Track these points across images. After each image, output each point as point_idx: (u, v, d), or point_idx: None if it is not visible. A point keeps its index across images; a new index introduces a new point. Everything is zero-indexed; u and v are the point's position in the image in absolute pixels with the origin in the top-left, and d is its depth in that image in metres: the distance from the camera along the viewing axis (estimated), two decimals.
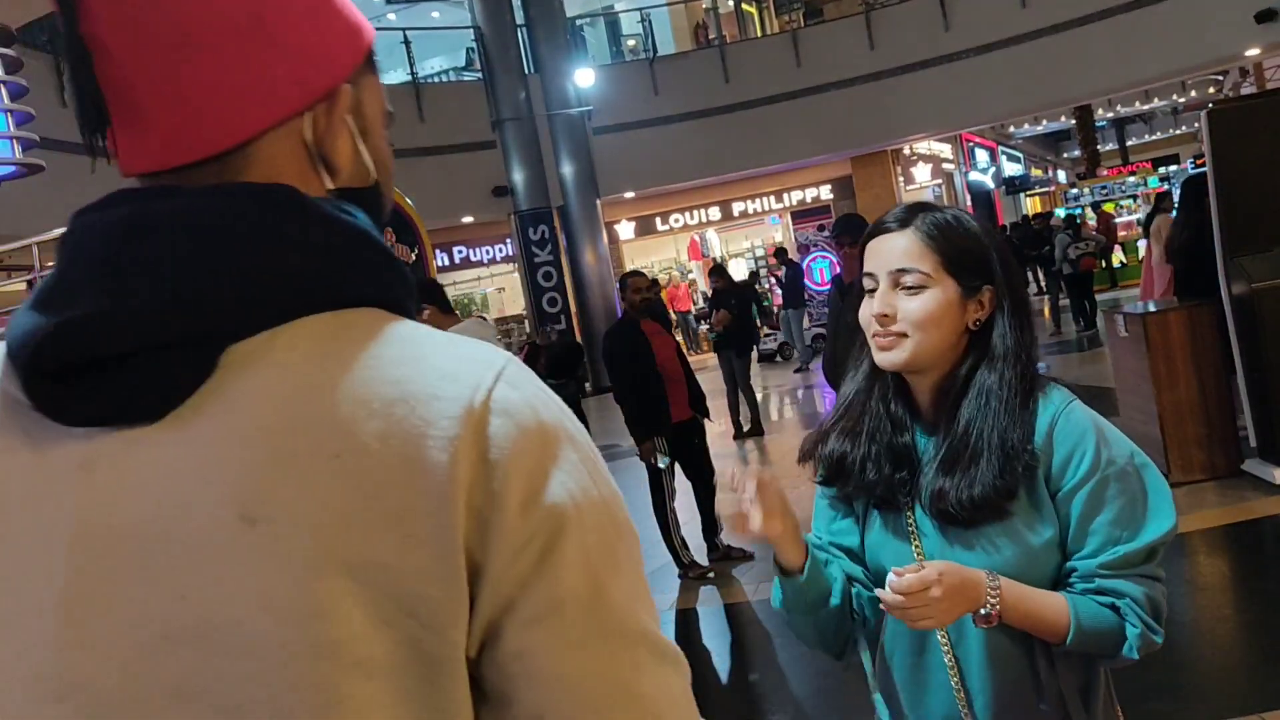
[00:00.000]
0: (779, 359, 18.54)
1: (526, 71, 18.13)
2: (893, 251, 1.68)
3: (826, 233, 19.79)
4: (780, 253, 19.79)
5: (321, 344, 0.73)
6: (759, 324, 16.37)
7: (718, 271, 13.43)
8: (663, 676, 0.76)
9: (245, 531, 0.68)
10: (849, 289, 5.65)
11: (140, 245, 0.72)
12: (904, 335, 1.66)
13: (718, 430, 10.27)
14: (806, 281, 18.47)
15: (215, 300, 0.71)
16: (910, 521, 1.71)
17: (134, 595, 0.69)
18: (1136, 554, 1.62)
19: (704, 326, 23.69)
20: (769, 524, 1.63)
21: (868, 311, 1.70)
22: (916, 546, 1.69)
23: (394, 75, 21.78)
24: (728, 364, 11.57)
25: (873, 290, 1.70)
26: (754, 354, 13.38)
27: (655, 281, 13.25)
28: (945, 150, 26.57)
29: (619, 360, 6.50)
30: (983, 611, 1.57)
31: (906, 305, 1.66)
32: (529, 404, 0.74)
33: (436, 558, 0.69)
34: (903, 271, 1.66)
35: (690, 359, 7.28)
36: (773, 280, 20.05)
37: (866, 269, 1.72)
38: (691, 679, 0.80)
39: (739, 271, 25.10)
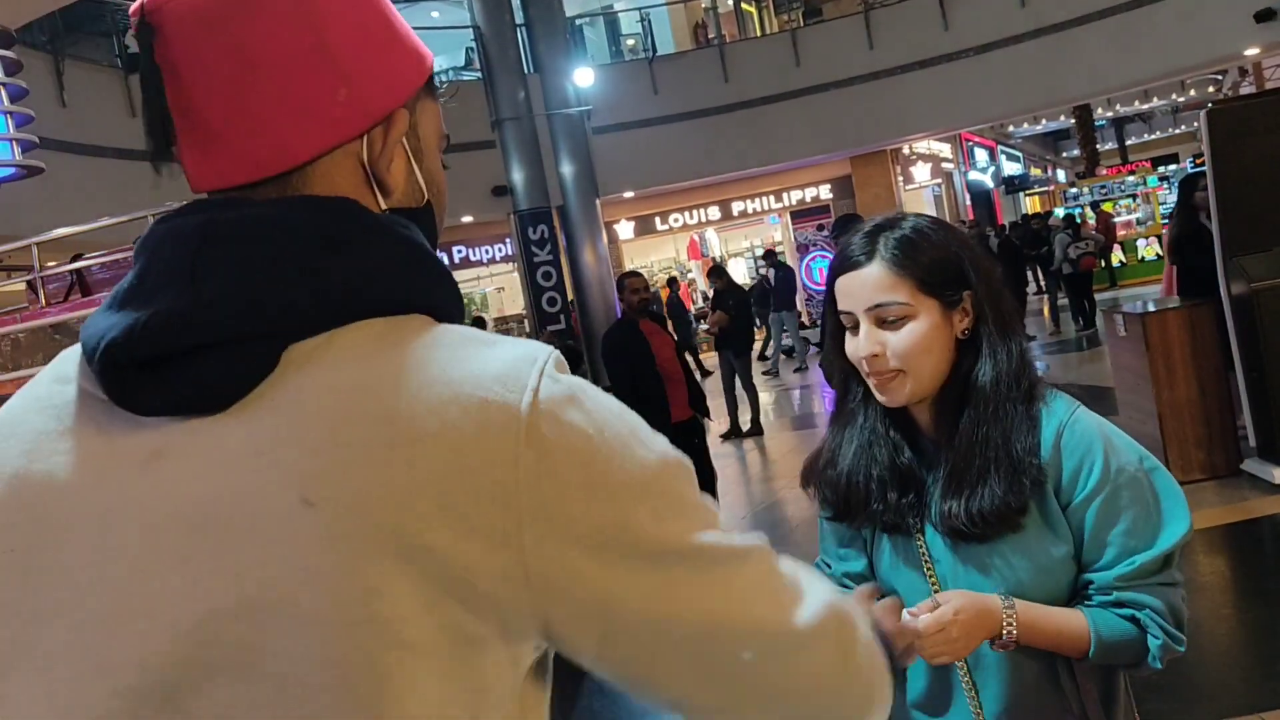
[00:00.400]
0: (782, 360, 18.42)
1: (526, 71, 18.09)
2: (865, 287, 1.61)
3: (826, 232, 19.81)
4: (769, 255, 19.70)
5: (377, 344, 0.78)
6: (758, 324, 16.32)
7: (717, 272, 13.43)
8: (749, 572, 0.84)
9: (304, 513, 0.72)
10: None
11: (214, 251, 0.78)
12: (900, 370, 1.61)
13: (716, 430, 10.27)
14: (806, 281, 18.45)
15: (279, 302, 0.77)
16: (921, 547, 1.67)
17: (190, 573, 0.73)
18: (1153, 563, 1.59)
19: (702, 326, 23.73)
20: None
21: (855, 352, 1.64)
22: (930, 574, 1.65)
23: None
24: (728, 364, 11.59)
25: (854, 328, 1.64)
26: (753, 354, 13.36)
27: (673, 279, 13.19)
28: (945, 150, 26.56)
29: (618, 360, 6.51)
30: (1001, 638, 1.56)
31: (894, 340, 1.60)
32: (571, 395, 0.79)
33: (485, 549, 0.73)
34: (880, 306, 1.60)
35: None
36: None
37: (842, 308, 1.65)
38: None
39: (737, 271, 25.09)
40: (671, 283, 21.42)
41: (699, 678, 0.81)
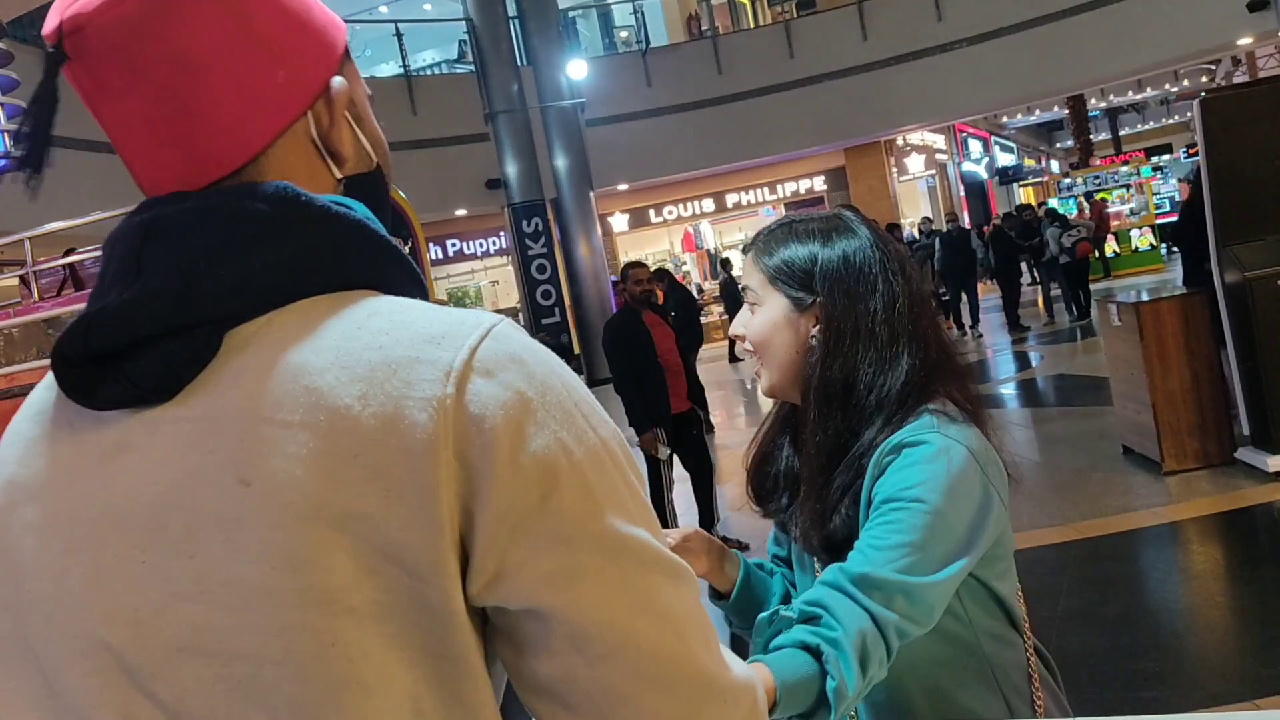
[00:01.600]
0: None
1: (519, 64, 18.09)
2: (743, 268, 1.71)
3: None
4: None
5: (313, 321, 0.78)
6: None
7: (660, 275, 12.87)
8: (679, 593, 0.79)
9: (242, 492, 0.73)
10: None
11: (156, 245, 0.80)
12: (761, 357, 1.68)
13: (714, 422, 10.28)
14: None
15: (216, 289, 0.78)
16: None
17: (148, 559, 0.76)
18: (896, 586, 1.43)
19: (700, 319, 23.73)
20: (695, 565, 1.69)
21: (732, 329, 1.73)
22: (817, 574, 1.64)
23: (386, 68, 21.73)
24: None
25: None
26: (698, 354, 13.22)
27: (667, 272, 13.01)
28: (938, 141, 26.57)
29: (619, 351, 6.50)
30: None
31: (749, 323, 1.68)
32: (515, 357, 0.78)
33: (418, 509, 0.72)
34: (745, 288, 1.69)
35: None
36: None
37: None
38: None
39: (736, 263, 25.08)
40: (660, 275, 21.40)
41: (585, 684, 0.76)
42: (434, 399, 0.74)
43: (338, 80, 0.88)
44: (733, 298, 17.66)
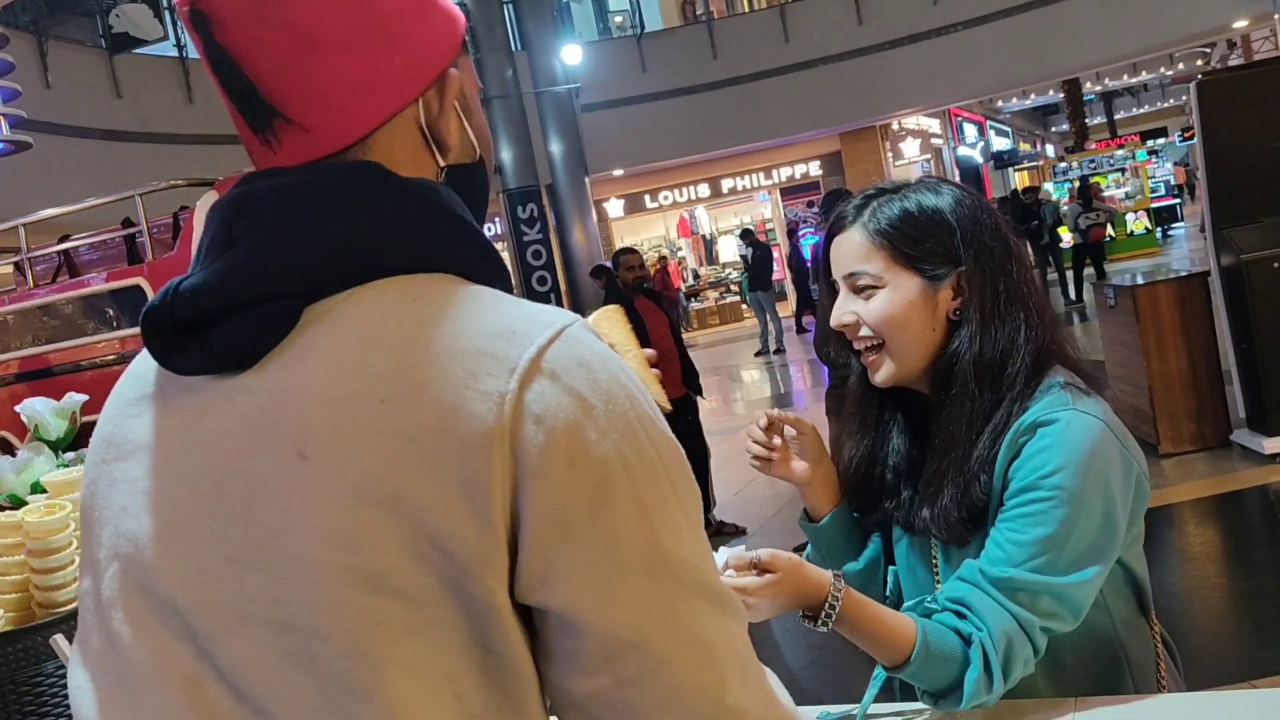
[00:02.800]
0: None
1: (513, 49, 18.02)
2: (844, 253, 1.56)
3: (816, 209, 19.78)
4: (746, 234, 19.42)
5: (390, 302, 0.80)
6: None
7: (598, 272, 12.41)
8: (722, 624, 0.79)
9: (300, 466, 0.75)
10: None
11: (246, 219, 0.82)
12: (880, 344, 1.55)
13: (708, 408, 10.29)
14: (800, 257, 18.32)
15: (299, 263, 0.80)
16: (933, 546, 1.59)
17: (212, 524, 0.78)
18: (1028, 589, 1.40)
19: (694, 305, 23.73)
20: (794, 467, 1.64)
21: (833, 319, 1.59)
22: (936, 576, 1.58)
23: None
24: None
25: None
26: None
27: (662, 258, 12.89)
28: (934, 125, 26.54)
29: None
30: (819, 618, 1.41)
31: (865, 309, 1.54)
32: (583, 362, 0.78)
33: (468, 501, 0.73)
34: (853, 275, 1.55)
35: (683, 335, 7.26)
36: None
37: (832, 272, 1.60)
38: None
39: (727, 249, 25.08)
40: (659, 263, 21.35)
41: (619, 704, 0.76)
42: (495, 394, 0.74)
43: (452, 71, 0.89)
44: (761, 271, 17.41)
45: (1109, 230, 19.20)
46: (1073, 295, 15.95)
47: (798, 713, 0.84)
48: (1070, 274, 16.29)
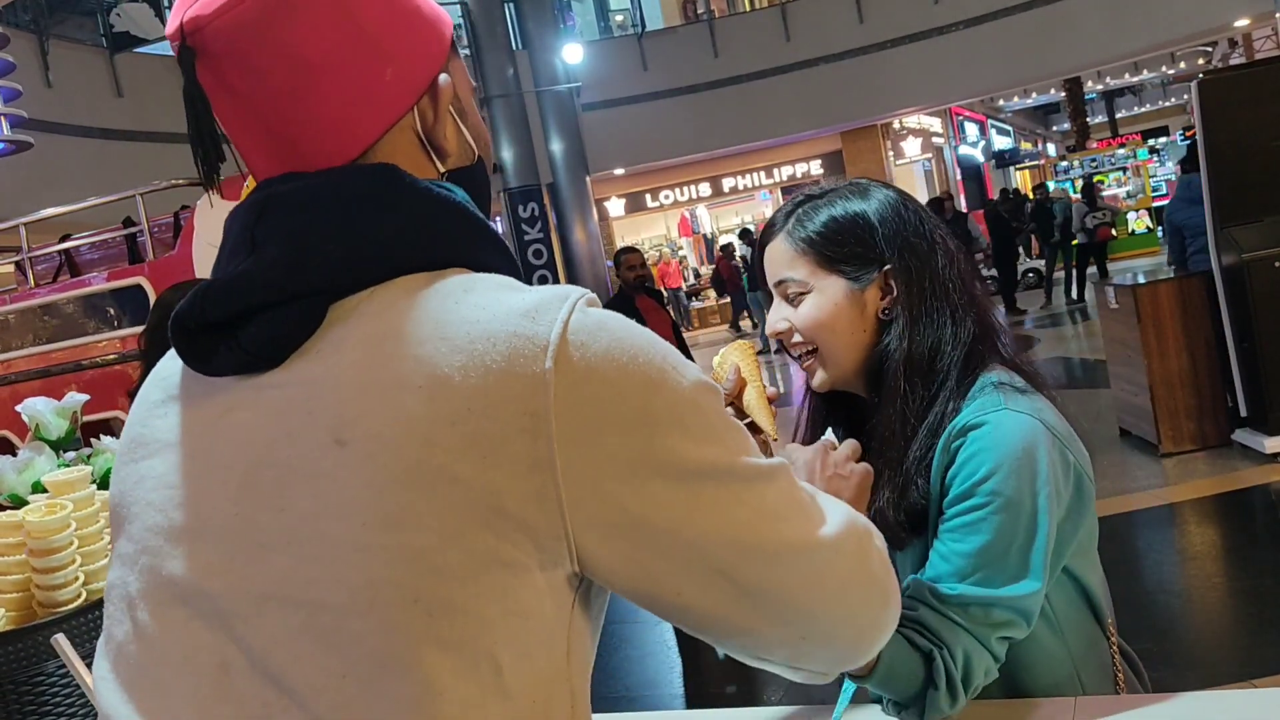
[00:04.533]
0: None
1: (514, 48, 18.02)
2: (773, 261, 1.57)
3: None
4: (745, 233, 19.40)
5: (413, 295, 0.82)
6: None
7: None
8: (776, 488, 0.86)
9: (337, 452, 0.78)
10: None
11: (269, 221, 0.85)
12: (815, 350, 1.55)
13: None
14: None
15: (323, 263, 0.83)
16: None
17: (241, 512, 0.81)
18: (979, 605, 1.38)
19: (694, 304, 23.71)
20: None
21: (767, 328, 1.59)
22: None
23: None
24: None
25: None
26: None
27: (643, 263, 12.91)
28: (935, 124, 26.53)
29: None
30: None
31: (795, 316, 1.54)
32: (602, 324, 0.81)
33: (512, 476, 0.76)
34: (782, 282, 1.55)
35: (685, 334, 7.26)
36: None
37: (767, 281, 1.60)
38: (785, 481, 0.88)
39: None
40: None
41: (732, 597, 0.83)
42: (533, 373, 0.77)
43: (443, 77, 0.92)
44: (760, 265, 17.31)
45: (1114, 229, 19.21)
46: (1075, 295, 15.92)
47: (857, 514, 0.93)
48: (1075, 272, 16.25)
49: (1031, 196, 17.66)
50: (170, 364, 0.92)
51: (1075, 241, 16.09)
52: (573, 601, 0.82)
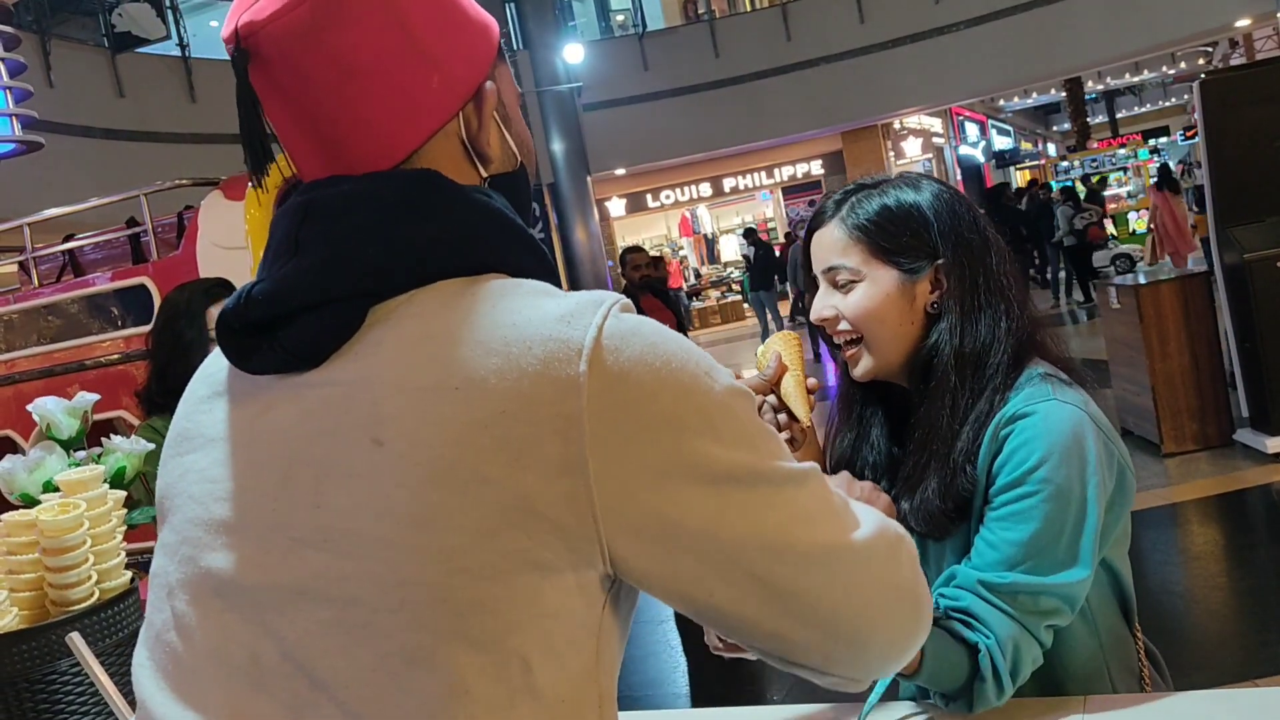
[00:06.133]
0: None
1: (515, 47, 18.03)
2: (822, 247, 1.57)
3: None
4: (749, 232, 19.25)
5: (451, 299, 0.84)
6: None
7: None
8: (808, 492, 0.86)
9: (374, 451, 0.79)
10: None
11: (313, 224, 0.86)
12: (860, 339, 1.55)
13: None
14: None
15: (364, 266, 0.84)
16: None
17: (277, 508, 0.83)
18: (1029, 593, 1.40)
19: (695, 304, 23.71)
20: None
21: (812, 314, 1.60)
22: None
23: None
24: None
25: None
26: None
27: (659, 258, 12.89)
28: (935, 124, 26.52)
29: None
30: None
31: (844, 303, 1.55)
32: (635, 330, 0.82)
33: (543, 478, 0.77)
34: (832, 269, 1.56)
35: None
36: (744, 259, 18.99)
37: (813, 268, 1.61)
38: (816, 490, 0.88)
39: (728, 248, 25.06)
40: (656, 262, 21.24)
41: (764, 599, 0.83)
42: (567, 376, 0.78)
43: (488, 85, 0.93)
44: (763, 271, 17.02)
45: (1111, 228, 19.19)
46: (1080, 296, 15.88)
47: (888, 519, 0.94)
48: (1072, 277, 16.20)
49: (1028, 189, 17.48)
50: (218, 360, 0.95)
51: (1060, 243, 15.92)
52: (604, 603, 0.83)
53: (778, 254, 18.54)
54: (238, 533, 0.85)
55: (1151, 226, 12.33)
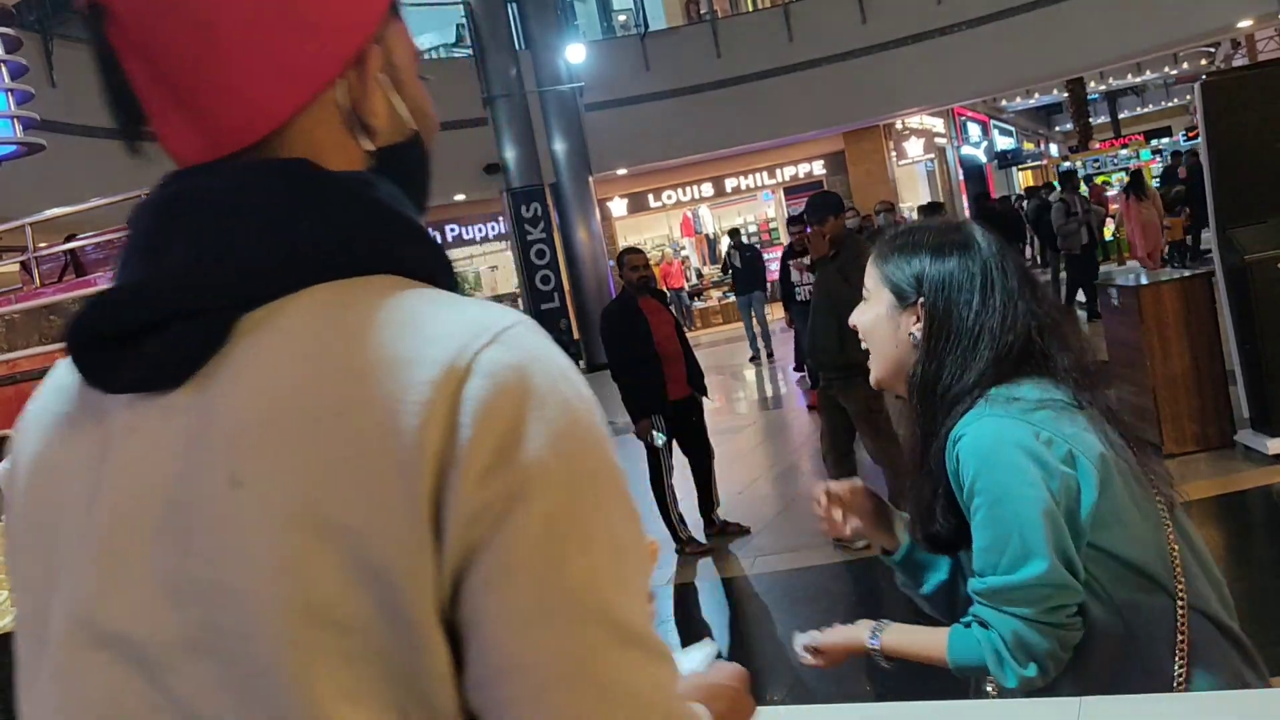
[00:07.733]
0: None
1: (517, 48, 18.04)
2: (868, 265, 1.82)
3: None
4: (733, 233, 18.42)
5: (324, 310, 0.74)
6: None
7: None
8: (627, 662, 0.71)
9: (232, 494, 0.71)
10: (819, 265, 5.65)
11: (174, 223, 0.77)
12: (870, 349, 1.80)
13: (711, 407, 10.29)
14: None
15: (228, 273, 0.74)
16: None
17: (151, 553, 0.74)
18: (1009, 589, 1.57)
19: (697, 304, 23.72)
20: (862, 523, 1.85)
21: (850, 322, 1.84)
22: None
23: None
24: None
25: None
26: None
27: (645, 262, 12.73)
28: (937, 124, 26.52)
29: (615, 338, 6.48)
30: (874, 658, 1.76)
31: (858, 316, 1.81)
32: (518, 366, 0.72)
33: (402, 523, 0.69)
34: (864, 287, 1.80)
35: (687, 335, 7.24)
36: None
37: None
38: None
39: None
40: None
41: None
42: (425, 403, 0.69)
43: (374, 46, 0.82)
44: (750, 268, 16.15)
45: (1109, 230, 19.17)
46: (1081, 297, 15.77)
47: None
48: (1068, 281, 16.08)
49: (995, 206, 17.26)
50: (66, 370, 0.82)
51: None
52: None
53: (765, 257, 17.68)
54: (117, 581, 0.75)
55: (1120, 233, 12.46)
